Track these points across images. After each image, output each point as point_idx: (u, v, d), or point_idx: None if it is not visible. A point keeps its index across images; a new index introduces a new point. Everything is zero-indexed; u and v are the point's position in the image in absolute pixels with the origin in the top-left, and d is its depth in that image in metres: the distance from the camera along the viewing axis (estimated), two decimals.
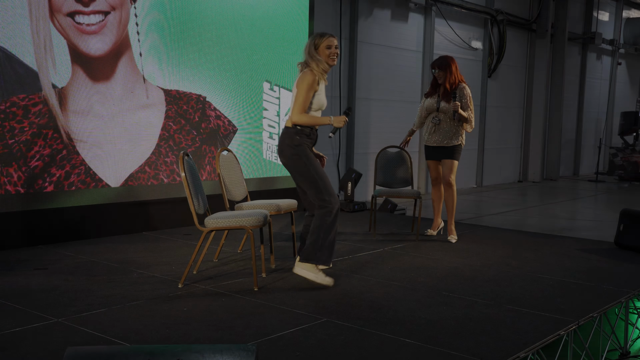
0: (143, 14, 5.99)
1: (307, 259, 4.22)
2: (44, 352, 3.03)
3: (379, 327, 3.50)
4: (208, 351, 2.13)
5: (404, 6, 10.13)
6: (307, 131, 4.32)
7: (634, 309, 4.58)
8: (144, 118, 6.06)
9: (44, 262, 4.80)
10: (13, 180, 5.16)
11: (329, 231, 4.21)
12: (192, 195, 4.18)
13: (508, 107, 13.13)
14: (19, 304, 3.75)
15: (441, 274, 4.74)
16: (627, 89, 17.74)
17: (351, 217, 7.39)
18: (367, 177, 9.27)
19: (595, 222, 8.32)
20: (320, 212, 4.20)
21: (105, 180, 5.79)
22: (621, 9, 16.46)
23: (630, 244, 5.78)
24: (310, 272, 4.24)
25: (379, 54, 9.79)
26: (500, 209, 9.17)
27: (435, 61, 5.96)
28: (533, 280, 4.64)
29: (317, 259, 4.23)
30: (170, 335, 3.31)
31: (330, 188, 4.25)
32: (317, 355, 3.08)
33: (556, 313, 3.82)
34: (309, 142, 4.34)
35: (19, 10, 5.13)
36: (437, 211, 6.26)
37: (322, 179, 4.23)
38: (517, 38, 13.10)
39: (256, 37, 7.01)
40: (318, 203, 4.21)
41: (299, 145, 4.25)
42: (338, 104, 9.11)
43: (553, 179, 14.02)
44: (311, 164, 4.25)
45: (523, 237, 6.44)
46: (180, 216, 6.28)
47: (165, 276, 4.47)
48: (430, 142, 5.99)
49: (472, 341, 3.31)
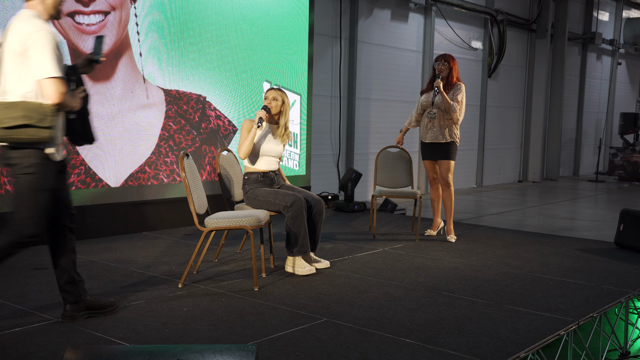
0: (143, 14, 5.99)
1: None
2: (44, 352, 3.03)
3: (379, 327, 3.50)
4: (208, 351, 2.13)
5: (404, 6, 10.13)
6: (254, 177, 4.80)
7: (634, 309, 4.58)
8: (144, 118, 6.06)
9: (44, 262, 4.80)
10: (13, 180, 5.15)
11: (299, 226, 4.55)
12: (192, 195, 4.18)
13: (508, 107, 13.13)
14: (19, 304, 3.75)
15: (441, 274, 4.74)
16: (627, 89, 17.74)
17: (351, 217, 7.39)
18: (367, 177, 9.27)
19: (595, 222, 8.32)
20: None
21: (105, 180, 5.79)
22: (621, 9, 16.45)
23: (630, 244, 5.78)
24: (293, 266, 4.64)
25: (379, 54, 9.79)
26: (500, 209, 9.17)
27: (440, 55, 5.98)
28: (533, 280, 4.64)
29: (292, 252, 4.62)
30: (170, 335, 3.31)
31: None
32: (317, 355, 3.08)
33: (556, 313, 3.82)
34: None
35: (19, 11, 5.12)
36: (436, 211, 6.26)
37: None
38: (517, 38, 13.10)
39: (256, 37, 7.01)
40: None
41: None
42: (338, 104, 9.11)
43: (553, 179, 14.02)
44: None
45: (523, 237, 6.44)
46: (180, 216, 6.28)
47: (165, 276, 4.47)
48: (425, 138, 6.00)
49: (472, 341, 3.31)
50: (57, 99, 3.14)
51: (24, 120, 3.10)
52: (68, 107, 3.24)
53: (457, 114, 5.86)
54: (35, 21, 3.18)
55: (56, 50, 3.15)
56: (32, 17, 3.21)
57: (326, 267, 4.79)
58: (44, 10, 3.27)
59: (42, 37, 3.11)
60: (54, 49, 3.14)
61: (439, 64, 5.91)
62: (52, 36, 3.15)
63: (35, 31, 3.12)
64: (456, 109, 5.84)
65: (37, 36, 3.11)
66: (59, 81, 3.14)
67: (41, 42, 3.11)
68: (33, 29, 3.13)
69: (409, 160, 6.47)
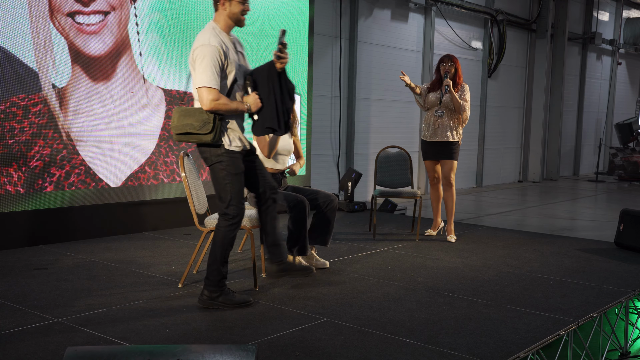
0: (143, 14, 5.99)
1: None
2: (44, 352, 3.03)
3: (379, 327, 3.50)
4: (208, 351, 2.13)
5: (404, 6, 10.13)
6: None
7: (634, 309, 4.58)
8: (144, 118, 6.06)
9: (44, 262, 4.80)
10: (13, 180, 5.16)
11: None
12: (192, 195, 4.18)
13: (508, 107, 13.13)
14: (19, 304, 3.75)
15: (441, 274, 4.74)
16: (627, 89, 17.74)
17: (351, 217, 7.39)
18: (367, 177, 9.27)
19: (595, 222, 8.32)
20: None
21: (105, 180, 5.79)
22: (621, 9, 16.45)
23: (630, 244, 5.78)
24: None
25: (379, 54, 9.79)
26: (500, 209, 9.17)
27: (445, 57, 5.95)
28: (533, 280, 4.63)
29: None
30: (170, 335, 3.31)
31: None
32: (317, 355, 3.08)
33: (556, 313, 3.82)
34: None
35: (19, 11, 5.13)
36: (436, 211, 6.26)
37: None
38: (517, 38, 13.10)
39: (256, 37, 7.01)
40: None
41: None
42: (338, 104, 9.11)
43: (553, 179, 14.02)
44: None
45: (523, 237, 6.44)
46: (180, 216, 6.28)
47: (165, 276, 4.47)
48: (431, 137, 5.99)
49: (472, 341, 3.31)
50: (208, 106, 3.56)
51: (187, 129, 3.62)
52: (227, 112, 3.64)
53: (467, 113, 5.89)
54: (205, 35, 3.62)
55: (216, 63, 3.55)
56: (206, 30, 3.67)
57: (324, 267, 4.80)
58: (223, 21, 3.72)
59: (203, 50, 3.55)
60: (212, 61, 3.54)
61: (445, 65, 5.90)
62: (212, 49, 3.55)
63: (199, 45, 3.59)
64: (466, 109, 5.87)
65: (199, 50, 3.57)
66: (211, 90, 3.54)
67: (201, 55, 3.55)
68: (198, 44, 3.60)
69: (409, 160, 6.47)
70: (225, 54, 3.61)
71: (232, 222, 3.75)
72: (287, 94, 3.83)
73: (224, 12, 3.68)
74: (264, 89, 3.77)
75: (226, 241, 3.77)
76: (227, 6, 3.67)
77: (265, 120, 3.78)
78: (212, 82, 3.54)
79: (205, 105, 3.57)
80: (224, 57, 3.60)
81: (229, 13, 3.68)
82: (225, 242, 3.76)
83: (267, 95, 3.77)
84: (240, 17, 3.72)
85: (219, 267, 3.77)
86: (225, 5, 3.67)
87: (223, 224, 3.76)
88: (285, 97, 3.82)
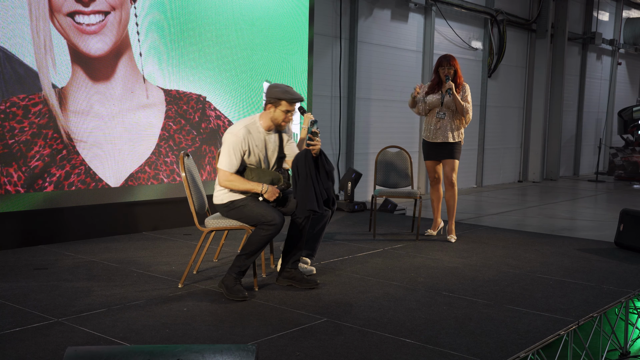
0: (143, 14, 5.99)
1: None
2: (44, 352, 3.03)
3: (379, 327, 3.50)
4: (208, 351, 2.13)
5: (403, 6, 10.13)
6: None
7: (634, 309, 4.58)
8: (144, 118, 6.06)
9: (44, 262, 4.80)
10: (13, 180, 5.16)
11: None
12: (192, 195, 4.18)
13: (508, 107, 13.13)
14: (19, 304, 3.75)
15: (441, 274, 4.74)
16: (627, 89, 17.74)
17: (351, 217, 7.39)
18: (367, 177, 9.27)
19: (595, 222, 8.32)
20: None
21: (105, 180, 5.79)
22: (621, 9, 16.45)
23: (630, 244, 5.78)
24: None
25: (379, 54, 9.78)
26: (500, 209, 9.17)
27: (443, 59, 5.92)
28: (533, 280, 4.64)
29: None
30: (170, 335, 3.31)
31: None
32: (317, 355, 3.08)
33: (556, 313, 3.82)
34: None
35: (19, 11, 5.13)
36: (436, 211, 6.26)
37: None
38: (517, 38, 13.10)
39: (256, 37, 7.01)
40: None
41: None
42: (338, 104, 9.11)
43: (553, 179, 14.02)
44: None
45: (523, 237, 6.44)
46: (180, 216, 6.28)
47: (165, 276, 4.47)
48: (431, 138, 5.98)
49: (472, 341, 3.31)
50: (222, 184, 4.10)
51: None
52: (239, 190, 4.11)
53: (470, 114, 5.90)
54: (239, 124, 4.13)
55: (237, 150, 4.04)
56: (245, 120, 4.18)
57: (310, 273, 4.57)
58: (266, 121, 4.17)
59: (227, 137, 4.07)
60: (233, 148, 4.04)
61: (445, 69, 5.87)
62: (235, 139, 4.04)
63: (227, 132, 4.10)
64: (469, 110, 5.87)
65: (225, 136, 4.09)
66: (225, 172, 4.06)
67: (226, 142, 4.07)
68: (229, 130, 4.12)
69: (409, 160, 6.47)
70: (249, 146, 4.08)
71: (272, 225, 4.02)
72: (326, 174, 4.22)
73: (269, 113, 4.14)
74: (302, 174, 4.13)
75: (263, 241, 4.05)
76: (272, 111, 4.13)
77: (305, 202, 4.12)
78: (227, 166, 4.05)
79: (219, 182, 4.10)
80: (247, 147, 4.08)
81: (272, 116, 4.14)
82: (262, 243, 4.04)
83: (304, 180, 4.12)
84: (281, 122, 4.16)
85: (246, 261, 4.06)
86: (272, 109, 4.13)
87: (265, 228, 4.03)
88: (323, 178, 4.20)
